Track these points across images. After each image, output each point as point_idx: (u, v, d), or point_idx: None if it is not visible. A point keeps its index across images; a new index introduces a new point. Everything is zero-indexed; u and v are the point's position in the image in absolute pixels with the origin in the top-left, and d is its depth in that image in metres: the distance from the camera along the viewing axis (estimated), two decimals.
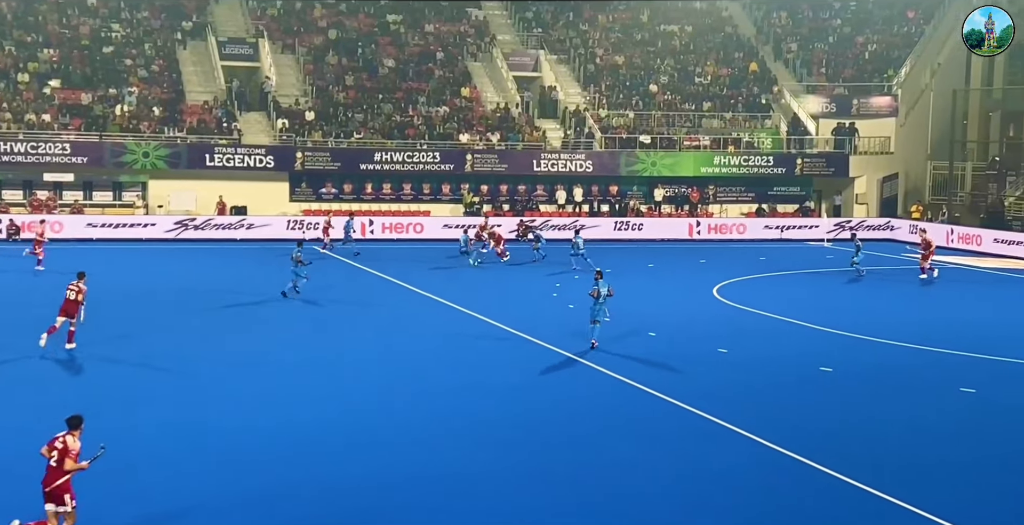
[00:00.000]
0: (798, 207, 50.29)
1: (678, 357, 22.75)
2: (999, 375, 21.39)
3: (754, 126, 51.22)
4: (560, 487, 14.41)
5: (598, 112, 50.72)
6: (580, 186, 48.72)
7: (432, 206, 47.84)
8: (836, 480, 14.67)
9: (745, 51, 56.40)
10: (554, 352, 22.85)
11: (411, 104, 50.09)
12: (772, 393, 19.83)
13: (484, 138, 48.54)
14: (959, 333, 25.50)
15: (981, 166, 51.00)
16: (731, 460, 15.66)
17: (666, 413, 18.22)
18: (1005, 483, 14.85)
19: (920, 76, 52.32)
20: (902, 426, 17.63)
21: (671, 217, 48.57)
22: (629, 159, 48.33)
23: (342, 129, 47.90)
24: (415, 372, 20.98)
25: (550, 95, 51.65)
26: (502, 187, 48.61)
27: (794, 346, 24.16)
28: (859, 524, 13.27)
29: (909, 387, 20.39)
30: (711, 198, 49.61)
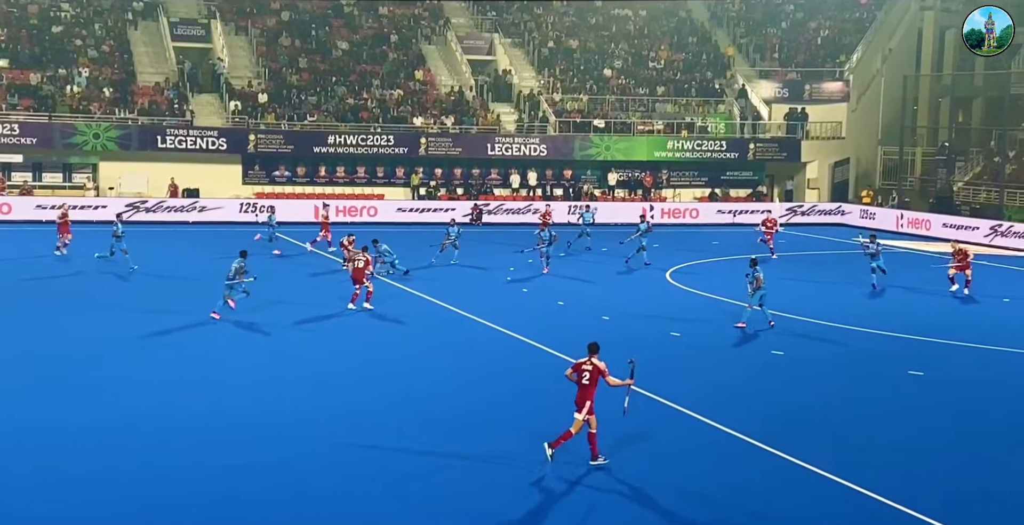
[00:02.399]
0: (751, 192, 50.70)
1: (630, 341, 22.87)
2: (947, 358, 21.76)
3: (707, 111, 51.50)
4: (509, 469, 14.46)
5: (552, 96, 50.72)
6: (534, 170, 48.76)
7: (386, 189, 47.67)
8: (785, 461, 14.86)
9: (699, 36, 56.63)
10: (508, 335, 22.89)
11: (365, 87, 49.76)
12: (724, 376, 20.03)
13: (438, 121, 48.38)
14: (908, 317, 25.90)
15: (931, 151, 51.74)
16: (683, 442, 15.82)
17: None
18: (949, 463, 15.14)
19: (871, 62, 52.88)
20: (850, 408, 17.90)
21: (625, 201, 48.79)
22: (583, 143, 48.42)
23: (295, 112, 47.50)
24: (349, 363, 20.96)
25: (504, 79, 51.55)
26: (456, 171, 48.53)
27: (747, 330, 24.38)
28: (807, 505, 13.46)
29: (858, 370, 20.69)
30: (664, 182, 49.86)
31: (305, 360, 20.52)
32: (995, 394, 19.07)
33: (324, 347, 21.69)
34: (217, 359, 20.43)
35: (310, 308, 25.41)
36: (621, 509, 13.27)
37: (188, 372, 19.36)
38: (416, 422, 16.50)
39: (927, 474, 14.71)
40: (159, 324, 23.09)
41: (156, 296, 26.75)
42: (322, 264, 32.50)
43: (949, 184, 47.91)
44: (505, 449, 15.09)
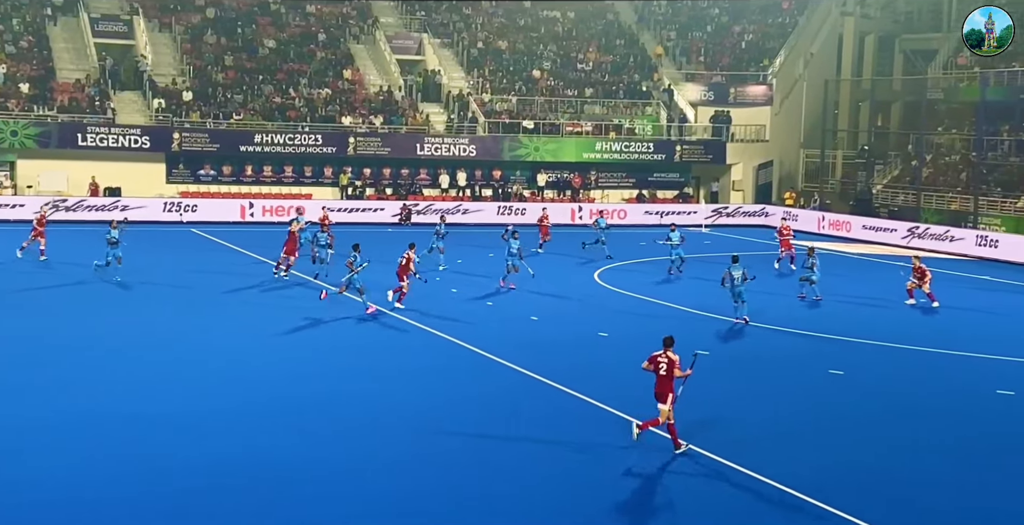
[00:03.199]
0: (677, 193, 51.29)
1: (559, 341, 23.03)
2: (866, 357, 22.21)
3: (635, 113, 51.98)
4: (438, 470, 14.47)
5: (481, 97, 50.77)
6: (463, 170, 48.77)
7: (314, 189, 47.29)
8: (707, 458, 15.06)
9: (626, 38, 57.13)
10: (438, 336, 22.87)
11: (292, 86, 49.30)
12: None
13: (367, 121, 48.12)
14: (830, 317, 26.41)
15: (851, 154, 52.86)
16: (611, 441, 15.95)
17: (547, 396, 18.44)
18: (861, 459, 15.48)
19: (794, 66, 53.85)
20: (771, 407, 18.20)
21: (554, 202, 49.01)
22: (512, 144, 48.55)
23: (221, 110, 46.87)
24: (283, 358, 20.79)
25: (433, 79, 51.46)
26: (385, 171, 48.32)
27: (673, 330, 24.54)
28: (730, 502, 13.67)
29: (781, 369, 21.04)
30: (593, 183, 50.22)
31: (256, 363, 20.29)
32: (914, 393, 19.54)
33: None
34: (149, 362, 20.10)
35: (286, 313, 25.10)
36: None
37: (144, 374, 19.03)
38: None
39: (836, 469, 15.04)
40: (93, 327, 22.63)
41: (88, 299, 26.20)
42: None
43: (868, 186, 48.99)
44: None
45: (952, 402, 18.78)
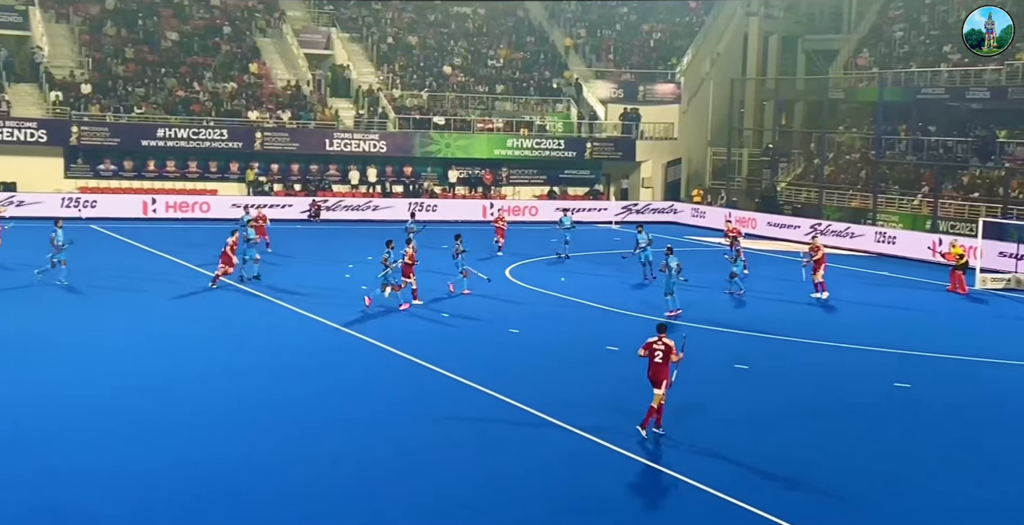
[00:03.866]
0: (588, 190, 51.62)
1: (469, 338, 22.98)
2: (770, 351, 22.59)
3: (546, 110, 52.16)
4: (343, 466, 14.30)
5: (392, 92, 50.41)
6: (374, 166, 48.37)
7: (219, 185, 46.40)
8: (618, 454, 15.15)
9: (537, 36, 57.28)
10: (344, 333, 22.64)
11: (196, 79, 48.30)
12: (561, 372, 20.30)
13: (274, 116, 47.40)
14: (736, 313, 26.82)
15: (756, 153, 53.82)
16: (517, 435, 15.97)
17: (458, 393, 18.37)
18: (766, 453, 15.75)
19: (701, 65, 54.61)
20: (676, 400, 18.37)
21: (465, 199, 48.96)
22: (423, 140, 48.31)
23: (122, 103, 45.70)
24: (187, 356, 20.35)
25: (342, 74, 50.92)
26: (293, 166, 47.67)
27: (583, 326, 24.82)
28: (642, 495, 13.75)
29: (688, 363, 21.23)
30: (504, 180, 50.25)
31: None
32: (814, 387, 19.93)
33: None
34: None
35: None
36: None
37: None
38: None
39: (735, 459, 15.28)
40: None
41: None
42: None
43: (773, 184, 49.92)
44: None
45: (851, 395, 19.18)
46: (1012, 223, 35.45)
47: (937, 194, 40.81)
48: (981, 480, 14.65)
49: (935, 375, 20.81)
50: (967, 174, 42.74)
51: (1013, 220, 36.07)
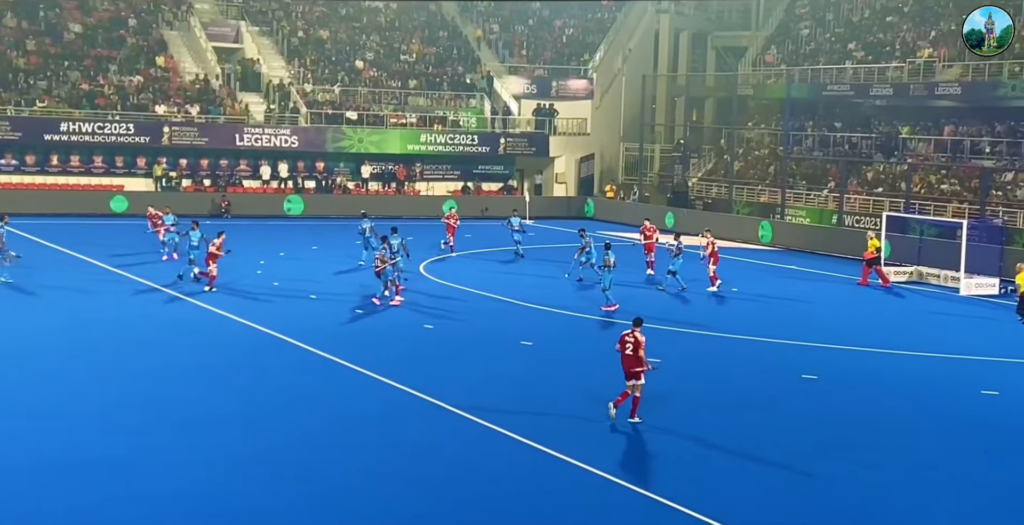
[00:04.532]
0: (502, 185, 51.67)
1: (381, 332, 22.86)
2: (677, 343, 22.73)
3: (459, 105, 52.07)
4: (240, 463, 14.10)
5: (303, 87, 49.81)
6: (285, 162, 47.76)
7: (126, 180, 45.38)
8: (526, 446, 15.21)
9: (449, 31, 57.15)
10: (254, 329, 22.32)
11: (101, 72, 47.14)
12: (473, 366, 20.29)
13: (183, 110, 46.49)
14: (644, 306, 27.02)
15: (668, 148, 54.47)
16: (430, 431, 15.91)
17: (370, 389, 18.26)
18: (672, 447, 15.97)
19: (613, 61, 55.06)
20: (583, 392, 18.52)
21: (378, 194, 48.64)
22: (336, 135, 47.84)
23: (23, 97, 44.39)
24: (87, 354, 19.89)
25: (252, 68, 50.16)
26: (203, 161, 46.83)
27: (497, 321, 24.86)
28: (543, 482, 13.82)
29: (597, 356, 21.41)
30: (418, 176, 50.04)
31: None
32: (725, 379, 20.25)
33: None
34: None
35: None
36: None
37: None
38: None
39: (640, 453, 15.45)
40: None
41: None
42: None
43: (685, 180, 50.58)
44: None
45: (760, 387, 19.51)
46: (914, 217, 36.46)
47: (843, 189, 41.77)
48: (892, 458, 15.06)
49: (843, 366, 21.28)
50: (871, 169, 43.81)
51: (915, 214, 37.09)
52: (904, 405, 18.38)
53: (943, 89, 41.97)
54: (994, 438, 16.50)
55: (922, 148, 43.00)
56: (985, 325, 26.08)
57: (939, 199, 39.26)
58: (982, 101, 41.28)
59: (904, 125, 44.58)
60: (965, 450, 15.85)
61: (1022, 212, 36.06)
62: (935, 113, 43.97)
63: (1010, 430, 17.00)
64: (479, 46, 55.93)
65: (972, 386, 19.44)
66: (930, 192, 40.13)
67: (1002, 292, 29.52)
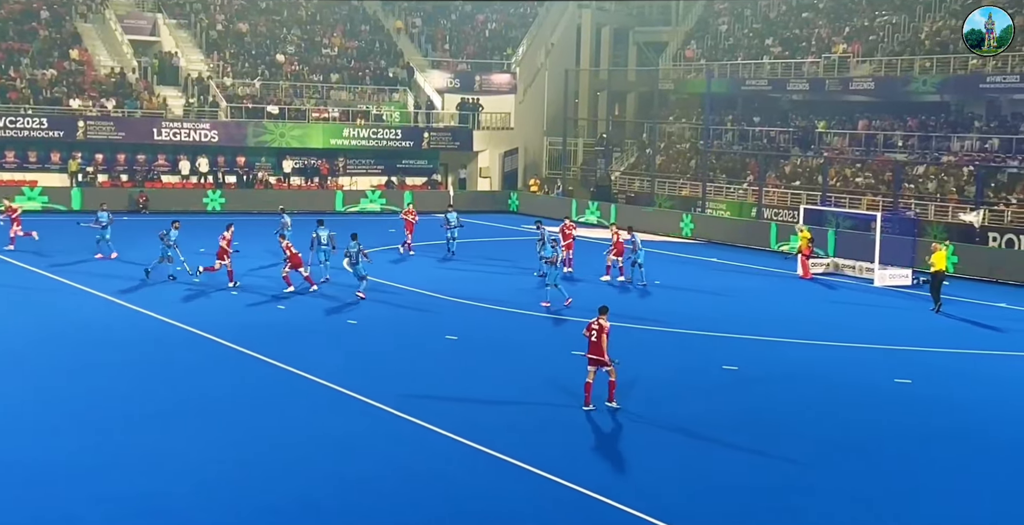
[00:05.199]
0: (426, 180, 51.55)
1: (301, 328, 22.70)
2: (612, 340, 22.95)
3: (382, 99, 51.81)
4: (165, 462, 13.94)
5: (223, 80, 49.10)
6: (205, 156, 47.04)
7: (40, 175, 44.36)
8: (450, 440, 15.25)
9: (371, 24, 56.80)
10: (173, 325, 22.02)
11: (13, 65, 45.92)
12: (397, 362, 20.25)
13: (98, 104, 45.52)
14: (577, 300, 27.25)
15: (591, 142, 54.87)
16: (351, 427, 15.90)
17: (292, 384, 18.13)
18: (584, 433, 16.16)
19: (536, 55, 55.25)
20: (509, 385, 18.65)
21: (301, 189, 48.19)
22: (256, 130, 47.26)
23: None
24: None
25: (170, 61, 49.29)
26: (119, 156, 45.94)
27: (423, 315, 24.82)
28: (465, 477, 13.90)
29: (523, 350, 21.57)
30: (341, 170, 49.68)
31: None
32: (647, 371, 20.51)
33: None
34: None
35: None
36: None
37: None
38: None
39: (560, 442, 15.61)
40: None
41: None
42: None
43: (607, 173, 50.99)
44: None
45: (681, 377, 19.79)
46: (830, 210, 37.25)
47: (761, 182, 42.49)
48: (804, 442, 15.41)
49: (763, 357, 21.67)
50: (789, 163, 44.63)
51: (831, 207, 37.90)
52: (821, 394, 18.80)
53: (857, 84, 42.97)
54: (907, 424, 16.98)
55: (837, 142, 43.94)
56: (898, 315, 26.77)
57: (854, 192, 40.18)
58: (894, 96, 42.33)
59: (820, 119, 45.50)
60: (880, 436, 16.29)
61: (933, 204, 37.09)
62: (849, 108, 44.97)
63: (922, 416, 17.51)
64: (399, 36, 55.66)
65: (886, 374, 19.96)
66: (845, 185, 41.04)
67: (915, 283, 30.31)
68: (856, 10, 48.58)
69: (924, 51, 42.10)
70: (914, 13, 45.23)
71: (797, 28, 50.19)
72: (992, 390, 19.24)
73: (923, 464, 15.10)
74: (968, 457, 15.38)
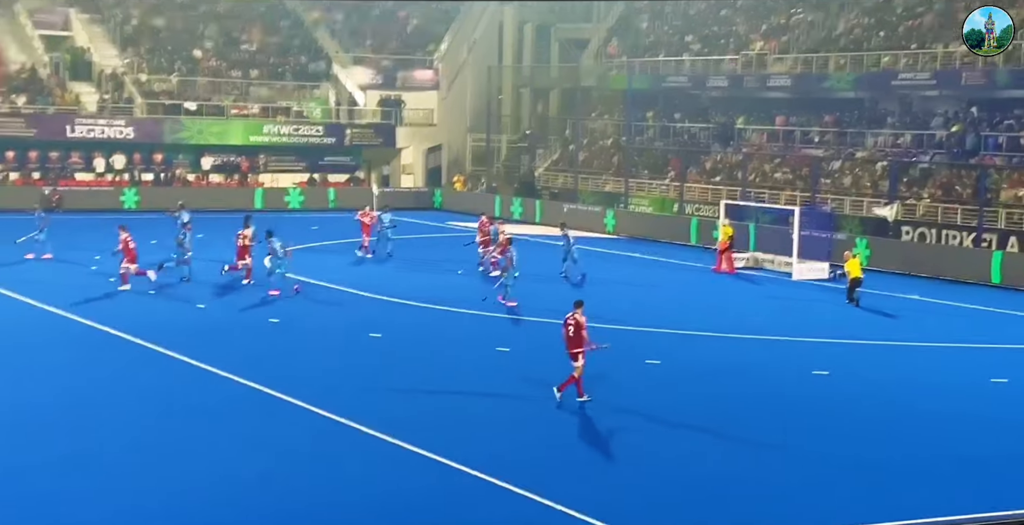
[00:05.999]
0: (349, 177, 51.13)
1: (226, 328, 22.36)
2: (532, 334, 23.01)
3: (303, 95, 51.23)
4: (87, 467, 13.63)
5: (138, 76, 48.11)
6: (121, 153, 46.07)
7: None
8: (376, 439, 15.15)
9: (291, 20, 56.12)
10: (89, 326, 21.53)
11: None
12: (322, 359, 20.07)
13: (8, 100, 44.32)
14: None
15: (515, 139, 54.92)
16: (275, 426, 15.70)
17: (213, 385, 17.86)
18: (519, 430, 16.18)
19: (459, 52, 55.10)
20: (438, 382, 18.59)
21: (220, 186, 47.46)
22: (174, 126, 46.41)
23: None
24: None
25: (83, 57, 48.16)
26: (31, 154, 44.77)
27: (346, 313, 24.64)
28: (397, 480, 13.82)
29: (449, 346, 21.51)
30: (262, 167, 49.02)
31: None
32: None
33: None
34: None
35: None
36: None
37: None
38: None
39: (491, 440, 15.63)
40: None
41: None
42: None
43: (531, 170, 51.10)
44: None
45: (607, 371, 19.88)
46: (750, 205, 37.79)
47: (683, 178, 42.94)
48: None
49: (685, 351, 21.90)
50: (709, 159, 45.17)
51: (751, 202, 38.45)
52: (742, 386, 19.06)
53: (774, 81, 43.63)
54: (826, 415, 17.30)
55: (756, 138, 44.59)
56: (816, 308, 27.27)
57: (773, 187, 40.80)
58: (811, 93, 43.08)
59: (739, 116, 46.11)
60: (799, 427, 16.57)
61: (849, 199, 37.83)
62: (768, 104, 45.66)
63: (840, 407, 17.84)
64: (317, 27, 54.99)
65: (805, 367, 20.30)
66: (765, 180, 41.66)
67: (831, 276, 30.87)
68: (773, 8, 49.33)
69: (839, 48, 42.90)
70: (829, 11, 46.07)
71: (716, 25, 50.81)
72: (902, 378, 19.70)
73: (840, 460, 15.39)
74: (883, 455, 15.72)
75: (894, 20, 42.76)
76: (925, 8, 42.12)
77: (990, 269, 30.24)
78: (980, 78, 36.09)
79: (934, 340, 23.15)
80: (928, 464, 14.89)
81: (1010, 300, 27.72)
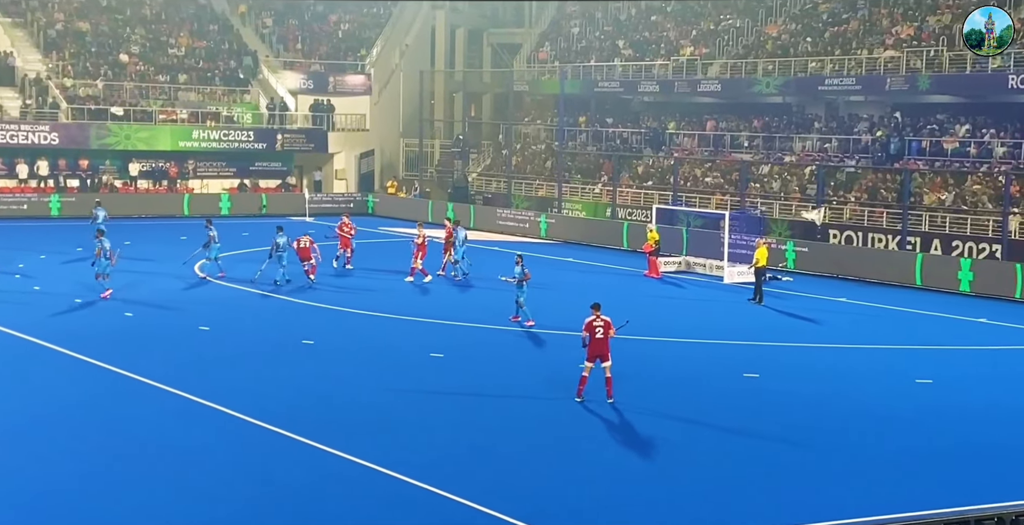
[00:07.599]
0: (280, 182, 50.64)
1: (155, 336, 22.01)
2: (466, 340, 23.02)
3: (233, 100, 50.64)
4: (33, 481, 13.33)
5: (63, 81, 47.16)
6: (45, 159, 45.11)
7: None
8: (309, 447, 15.02)
9: (220, 24, 55.47)
10: (11, 335, 21.03)
11: None
12: (252, 367, 19.84)
13: None
14: (426, 302, 27.22)
15: (447, 144, 54.88)
16: (204, 436, 15.50)
17: (139, 393, 17.57)
18: (457, 436, 16.18)
19: (391, 56, 54.93)
20: (373, 390, 18.49)
21: (148, 193, 46.70)
22: (100, 131, 45.58)
23: None
24: None
25: (5, 61, 47.08)
26: None
27: (278, 320, 24.40)
28: (329, 487, 13.71)
29: (384, 354, 21.40)
30: (191, 173, 48.33)
31: None
32: (493, 370, 20.63)
33: None
34: None
35: None
36: None
37: None
38: None
39: (434, 449, 15.60)
40: None
41: None
42: None
43: (465, 174, 51.10)
44: None
45: (530, 378, 19.94)
46: (681, 209, 38.17)
47: (616, 182, 43.25)
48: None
49: (617, 355, 21.97)
50: (641, 163, 45.56)
51: (682, 206, 38.84)
52: (675, 391, 19.24)
53: (704, 86, 44.16)
54: (756, 418, 17.52)
55: (687, 142, 45.09)
56: (746, 311, 27.60)
57: (704, 191, 41.29)
58: (740, 98, 43.69)
59: (670, 120, 46.60)
60: (730, 430, 16.76)
61: (778, 203, 38.42)
62: (698, 109, 46.20)
63: (769, 410, 18.09)
64: (243, 23, 54.41)
65: (736, 370, 20.54)
66: (695, 185, 42.14)
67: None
68: (702, 14, 49.95)
69: (767, 54, 43.59)
70: (757, 17, 46.78)
71: (647, 31, 51.30)
72: (831, 381, 20.04)
73: (776, 465, 15.60)
74: (819, 451, 15.97)
75: (820, 26, 43.58)
76: (850, 14, 42.98)
77: (914, 271, 30.91)
78: (903, 83, 36.89)
79: (860, 342, 23.57)
80: (851, 465, 15.15)
81: (931, 301, 28.34)
